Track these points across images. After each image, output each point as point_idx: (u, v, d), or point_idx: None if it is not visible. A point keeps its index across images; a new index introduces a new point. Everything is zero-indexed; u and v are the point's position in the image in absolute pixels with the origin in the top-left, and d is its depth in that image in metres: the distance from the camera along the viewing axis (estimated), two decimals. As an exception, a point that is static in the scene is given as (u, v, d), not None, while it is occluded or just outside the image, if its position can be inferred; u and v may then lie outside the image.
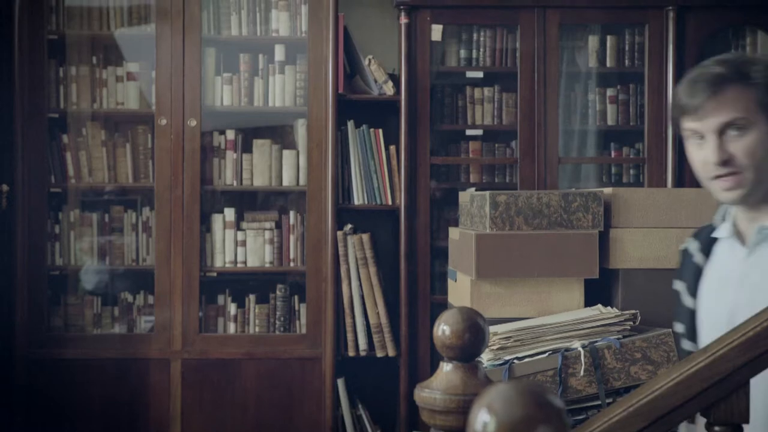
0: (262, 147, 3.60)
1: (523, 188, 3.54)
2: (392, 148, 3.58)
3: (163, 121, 3.48)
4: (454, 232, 2.77)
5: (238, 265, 3.57)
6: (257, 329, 3.58)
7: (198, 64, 3.50)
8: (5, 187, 3.17)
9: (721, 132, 1.45)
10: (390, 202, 3.56)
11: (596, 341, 2.05)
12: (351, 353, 3.51)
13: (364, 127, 3.56)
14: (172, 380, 3.48)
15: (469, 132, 3.64)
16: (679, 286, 1.61)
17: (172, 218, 3.49)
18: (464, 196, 2.76)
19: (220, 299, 3.61)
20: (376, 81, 3.58)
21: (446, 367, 1.26)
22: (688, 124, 1.49)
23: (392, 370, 3.67)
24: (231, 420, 3.48)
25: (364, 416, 3.54)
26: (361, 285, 3.50)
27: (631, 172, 3.70)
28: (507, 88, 3.66)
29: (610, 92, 3.67)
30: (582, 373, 2.01)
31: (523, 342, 2.12)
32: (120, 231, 3.60)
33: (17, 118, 3.39)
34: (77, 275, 3.60)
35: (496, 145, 3.71)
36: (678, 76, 3.54)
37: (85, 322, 3.60)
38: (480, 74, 3.62)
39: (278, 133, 3.67)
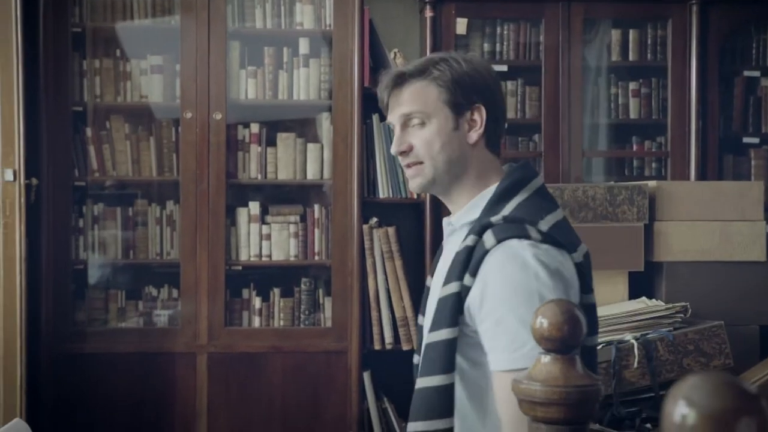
0: (286, 140, 3.59)
1: (548, 182, 3.54)
2: (417, 141, 3.58)
3: (189, 115, 3.47)
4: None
5: (263, 258, 3.57)
6: (282, 323, 3.58)
7: (223, 57, 3.49)
8: (35, 181, 3.14)
9: (404, 124, 1.53)
10: (415, 196, 3.56)
11: (647, 333, 2.06)
12: (377, 346, 3.52)
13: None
14: (198, 374, 3.48)
15: (493, 125, 3.64)
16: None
17: (198, 212, 3.48)
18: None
19: (245, 293, 3.60)
20: (401, 74, 3.57)
21: (544, 359, 1.26)
22: (388, 118, 1.58)
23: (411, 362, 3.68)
24: (257, 414, 3.48)
25: (389, 409, 3.54)
26: (386, 278, 3.50)
27: (653, 165, 3.72)
28: (530, 82, 3.67)
29: (632, 86, 3.69)
30: (635, 365, 2.03)
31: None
32: (144, 225, 3.58)
33: (42, 111, 3.36)
34: (101, 269, 3.59)
35: (519, 138, 3.72)
36: (701, 71, 3.57)
37: (110, 317, 3.59)
38: (504, 68, 3.62)
39: (302, 126, 3.66)
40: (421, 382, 1.46)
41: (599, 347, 2.08)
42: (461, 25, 3.55)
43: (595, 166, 3.72)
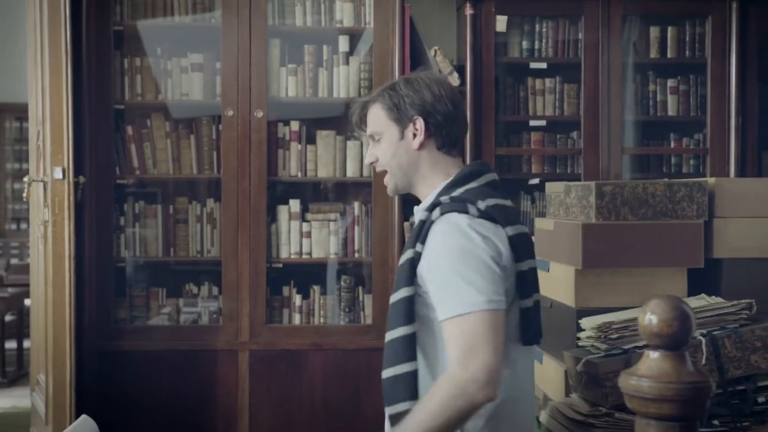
0: (326, 138, 3.60)
1: (588, 179, 3.56)
2: (456, 139, 3.58)
3: (230, 113, 3.48)
4: (543, 223, 2.78)
5: (303, 256, 3.58)
6: (322, 320, 3.59)
7: (264, 54, 3.50)
8: (82, 179, 3.16)
9: (372, 141, 1.86)
10: (454, 193, 3.57)
11: (713, 330, 2.07)
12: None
13: (429, 118, 3.56)
14: (239, 371, 3.49)
15: (532, 123, 3.65)
16: None
17: (239, 210, 3.49)
18: (554, 186, 2.77)
19: (285, 290, 3.61)
20: (440, 72, 3.58)
21: (653, 355, 1.27)
22: None
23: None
24: (298, 410, 3.49)
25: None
26: (427, 275, 3.51)
27: (691, 162, 3.72)
28: (568, 79, 3.68)
29: (670, 83, 3.69)
30: (703, 361, 2.03)
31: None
32: (184, 222, 3.59)
33: (85, 110, 3.37)
34: (142, 267, 3.60)
35: (558, 135, 3.72)
36: (740, 67, 3.57)
37: (151, 314, 3.60)
38: (543, 65, 3.63)
39: (342, 124, 3.67)
40: (388, 336, 1.72)
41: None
42: (501, 23, 3.56)
43: (632, 163, 3.72)
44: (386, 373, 1.71)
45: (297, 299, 3.59)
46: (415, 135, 1.79)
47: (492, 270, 1.63)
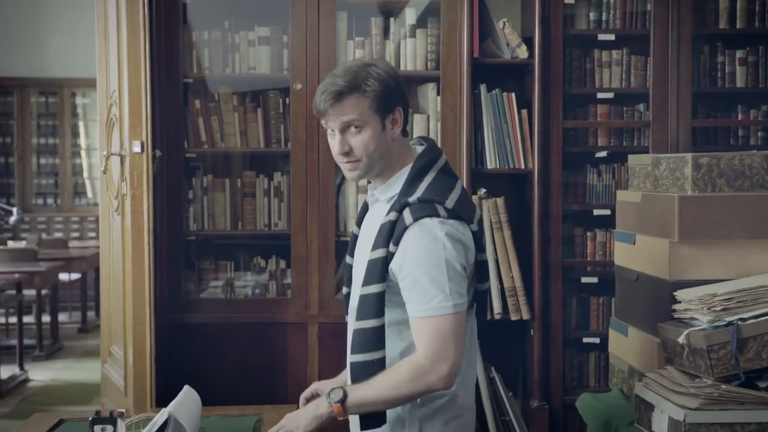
0: (393, 111, 3.59)
1: (656, 151, 3.54)
2: (524, 111, 3.57)
3: (299, 86, 3.47)
4: (627, 195, 2.78)
5: (371, 229, 3.58)
6: (390, 293, 3.60)
7: (332, 27, 3.48)
8: (158, 153, 3.17)
9: (344, 130, 1.86)
10: (523, 166, 3.56)
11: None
12: (486, 317, 3.53)
13: (497, 90, 3.55)
14: (309, 344, 3.52)
15: (600, 95, 3.63)
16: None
17: (308, 183, 3.50)
18: (639, 158, 2.76)
19: (352, 263, 3.62)
20: (508, 44, 3.56)
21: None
22: (324, 122, 1.90)
23: (514, 333, 3.70)
24: (368, 382, 3.51)
25: (497, 379, 3.57)
26: (495, 249, 3.51)
27: (759, 134, 3.70)
28: (635, 51, 3.65)
29: (739, 54, 3.66)
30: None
31: (744, 303, 2.14)
32: (252, 196, 3.61)
33: (155, 84, 3.37)
34: (210, 240, 3.62)
35: (624, 108, 3.70)
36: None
37: (219, 287, 3.62)
38: (611, 36, 3.60)
39: (409, 97, 3.64)
40: (358, 325, 1.87)
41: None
42: (570, -6, 3.52)
43: (697, 135, 3.70)
44: (355, 358, 1.88)
45: (364, 272, 3.60)
46: (393, 125, 1.89)
47: (459, 274, 1.82)
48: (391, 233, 1.83)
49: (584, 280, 3.67)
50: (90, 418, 2.06)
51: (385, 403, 1.84)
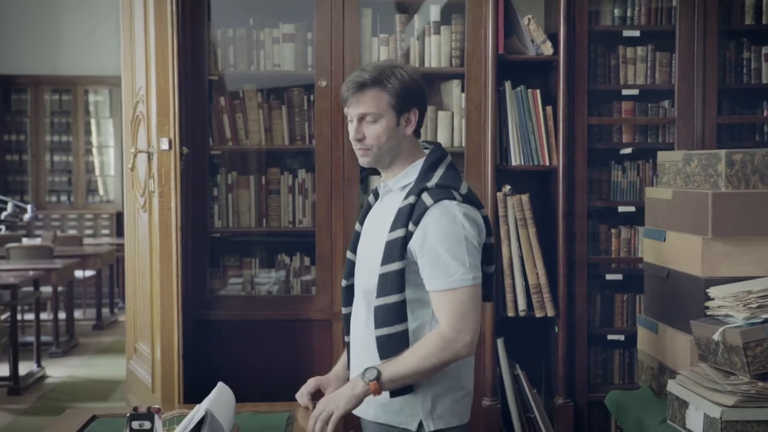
0: (417, 108, 3.58)
1: (681, 148, 3.53)
2: (548, 108, 3.57)
3: (323, 83, 3.47)
4: (657, 192, 2.78)
5: (395, 226, 3.58)
6: (414, 290, 3.60)
7: (357, 24, 3.48)
8: (185, 150, 3.17)
9: (360, 119, 2.04)
10: (547, 163, 3.56)
11: None
12: (510, 314, 3.53)
13: (522, 87, 3.55)
14: (334, 341, 3.51)
15: (625, 92, 3.62)
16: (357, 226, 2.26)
17: (333, 180, 3.50)
18: (669, 155, 2.76)
19: (377, 260, 3.62)
20: (533, 41, 3.55)
21: None
22: (345, 110, 2.08)
23: (538, 330, 3.70)
24: (392, 379, 3.51)
25: (521, 376, 3.57)
26: (520, 245, 3.51)
27: (785, 131, 3.69)
28: (660, 47, 3.64)
29: (765, 50, 3.64)
30: None
31: (781, 300, 2.14)
32: (276, 193, 3.61)
33: (180, 80, 3.37)
34: (235, 237, 3.62)
35: (649, 104, 3.69)
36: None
37: (244, 284, 3.63)
38: (636, 33, 3.59)
39: (433, 94, 3.65)
40: (380, 301, 2.01)
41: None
42: (595, -10, 3.52)
43: (724, 131, 3.69)
44: (380, 332, 2.02)
45: (388, 269, 3.60)
46: (407, 124, 2.07)
47: (476, 250, 2.00)
48: (410, 215, 1.99)
49: (608, 277, 3.66)
50: (128, 414, 2.06)
51: (415, 375, 1.98)
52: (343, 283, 2.23)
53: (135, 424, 2.07)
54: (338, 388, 2.14)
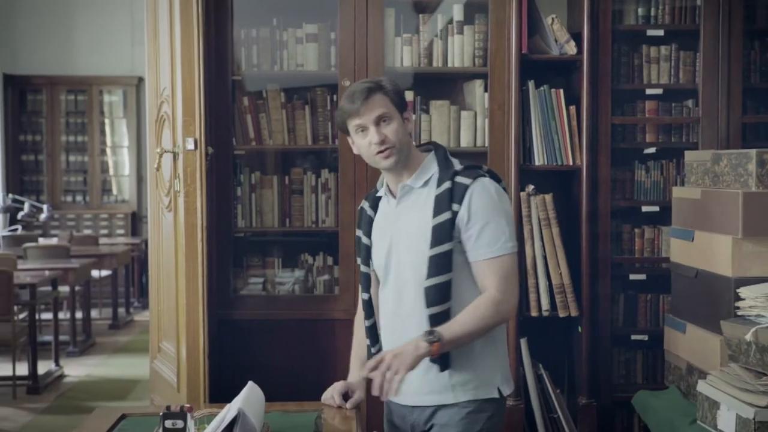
0: (440, 108, 3.59)
1: (705, 148, 3.52)
2: (572, 108, 3.56)
3: (347, 83, 3.47)
4: (685, 192, 2.77)
5: (418, 226, 3.58)
6: (437, 290, 3.60)
7: (380, 24, 3.48)
8: (210, 150, 3.18)
9: (377, 122, 2.16)
10: (571, 163, 3.55)
11: None
12: (533, 313, 3.53)
13: (545, 87, 3.54)
14: (357, 340, 3.51)
15: (648, 91, 3.61)
16: (359, 233, 2.38)
17: (356, 180, 3.50)
18: (696, 155, 2.75)
19: (400, 260, 3.62)
20: (556, 41, 3.55)
21: None
22: (354, 122, 2.18)
23: (561, 330, 3.69)
24: (415, 379, 3.51)
25: (544, 376, 3.56)
26: (543, 245, 3.50)
27: (809, 130, 3.67)
28: (684, 46, 3.63)
29: (789, 49, 3.63)
30: None
31: (816, 300, 2.13)
32: (299, 193, 3.62)
33: (204, 80, 3.37)
34: (258, 237, 3.63)
35: (673, 104, 3.68)
36: None
37: (267, 284, 3.63)
38: (660, 32, 3.58)
39: (456, 93, 3.65)
40: (432, 281, 2.15)
41: None
42: (619, -10, 3.51)
43: (749, 131, 3.67)
44: (433, 310, 2.15)
45: (411, 269, 3.60)
46: (407, 121, 2.22)
47: (512, 220, 2.18)
48: (451, 197, 2.14)
49: (632, 277, 3.65)
50: (161, 413, 2.07)
51: (471, 336, 2.11)
52: (365, 296, 2.35)
53: (168, 423, 2.08)
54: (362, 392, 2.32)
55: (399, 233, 2.24)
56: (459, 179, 2.16)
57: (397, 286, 2.24)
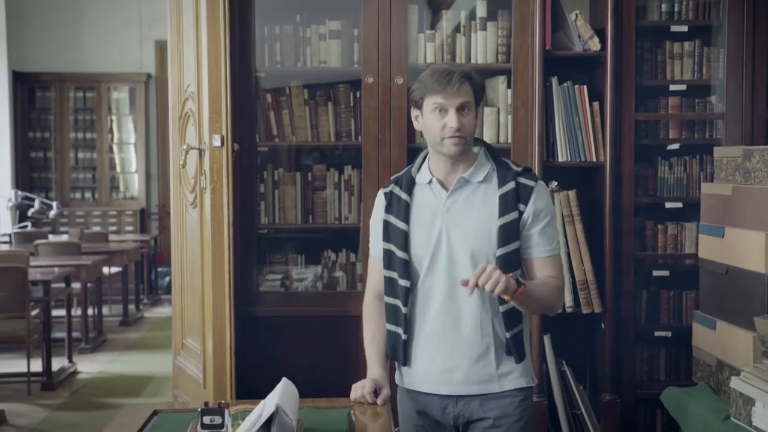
0: (463, 104, 3.58)
1: (729, 144, 3.52)
2: (595, 104, 3.55)
3: (370, 80, 3.47)
4: (715, 188, 2.76)
5: (441, 222, 3.57)
6: (460, 286, 3.60)
7: (404, 21, 3.48)
8: (236, 147, 3.18)
9: (459, 109, 2.20)
10: (594, 159, 3.55)
11: None
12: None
13: (568, 83, 3.54)
14: (380, 337, 3.50)
15: (672, 87, 3.60)
16: (390, 218, 2.34)
17: (380, 177, 3.49)
18: (727, 151, 2.75)
19: (422, 257, 3.62)
20: (580, 37, 3.54)
21: None
22: (437, 100, 2.20)
23: (583, 327, 3.69)
24: (439, 376, 3.51)
25: (568, 372, 3.56)
26: (567, 242, 3.50)
27: (833, 126, 3.66)
28: (707, 42, 3.62)
29: (814, 45, 3.62)
30: None
31: None
32: (323, 189, 3.61)
33: (230, 78, 3.37)
34: (281, 233, 3.63)
35: (696, 100, 3.67)
36: None
37: (290, 280, 3.63)
38: (684, 28, 3.57)
39: (479, 90, 3.64)
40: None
41: None
42: (643, -14, 3.50)
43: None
44: (507, 306, 2.24)
45: (434, 266, 3.60)
46: (477, 116, 2.28)
47: None
48: (517, 197, 2.25)
49: (655, 273, 3.65)
50: (199, 409, 2.08)
51: (539, 303, 2.24)
52: (405, 283, 2.29)
53: (206, 419, 2.08)
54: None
55: (453, 226, 2.26)
56: (522, 180, 2.28)
57: (449, 280, 2.26)
